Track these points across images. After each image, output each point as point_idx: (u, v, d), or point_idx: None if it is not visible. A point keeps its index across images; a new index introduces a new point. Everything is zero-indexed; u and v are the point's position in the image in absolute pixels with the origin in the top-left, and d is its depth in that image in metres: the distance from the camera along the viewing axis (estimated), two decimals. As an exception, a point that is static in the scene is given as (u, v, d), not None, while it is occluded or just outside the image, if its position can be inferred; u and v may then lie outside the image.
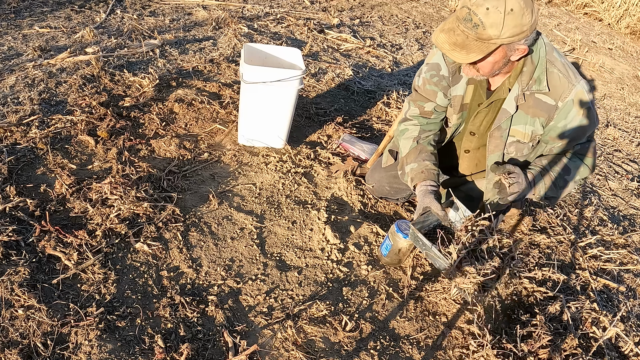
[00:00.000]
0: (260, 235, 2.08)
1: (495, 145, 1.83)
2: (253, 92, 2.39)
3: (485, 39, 1.49)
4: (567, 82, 1.64)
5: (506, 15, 1.44)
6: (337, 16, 4.71)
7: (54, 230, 1.84)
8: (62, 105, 2.59)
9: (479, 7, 1.45)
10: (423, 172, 1.90)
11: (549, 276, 2.16)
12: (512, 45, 1.53)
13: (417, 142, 1.96)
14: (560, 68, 1.65)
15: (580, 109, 1.66)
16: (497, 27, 1.45)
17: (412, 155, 1.94)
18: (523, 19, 1.46)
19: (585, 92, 1.66)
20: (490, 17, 1.44)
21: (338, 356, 1.68)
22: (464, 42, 1.51)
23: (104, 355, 1.50)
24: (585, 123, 1.70)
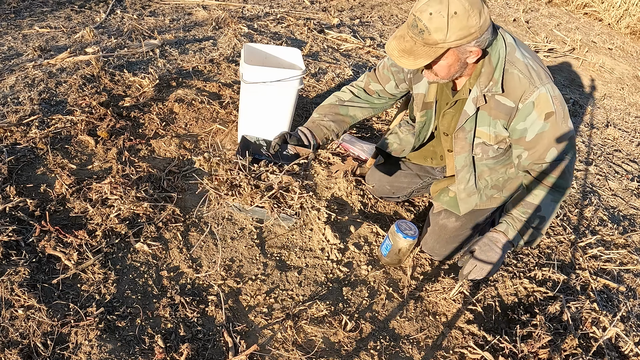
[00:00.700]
0: (260, 235, 2.08)
1: (461, 147, 1.83)
2: (253, 92, 2.39)
3: (431, 43, 1.49)
4: (529, 83, 1.59)
5: (450, 19, 1.43)
6: (337, 16, 4.71)
7: (54, 230, 1.84)
8: (62, 105, 2.59)
9: (422, 13, 1.46)
10: (314, 122, 1.99)
11: (549, 276, 2.16)
12: (462, 48, 1.51)
13: (337, 102, 2.01)
14: (521, 69, 1.60)
15: (542, 114, 1.60)
16: (441, 32, 1.45)
17: (326, 108, 2.02)
18: (469, 21, 1.44)
19: (550, 97, 1.59)
20: (433, 22, 1.44)
21: (338, 356, 1.68)
22: (412, 48, 1.53)
23: (104, 355, 1.50)
24: (550, 131, 1.63)
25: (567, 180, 1.70)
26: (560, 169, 1.68)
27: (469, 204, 1.96)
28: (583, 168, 3.23)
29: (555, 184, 1.70)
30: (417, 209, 2.46)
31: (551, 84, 1.62)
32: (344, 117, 2.01)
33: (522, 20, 6.02)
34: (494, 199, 1.98)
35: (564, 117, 1.64)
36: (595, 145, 3.59)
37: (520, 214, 1.73)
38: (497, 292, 2.07)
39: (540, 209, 1.71)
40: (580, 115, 4.00)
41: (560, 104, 1.62)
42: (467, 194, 1.94)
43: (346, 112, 2.01)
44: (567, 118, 1.65)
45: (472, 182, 1.90)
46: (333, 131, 2.00)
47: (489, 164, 1.86)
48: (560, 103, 1.62)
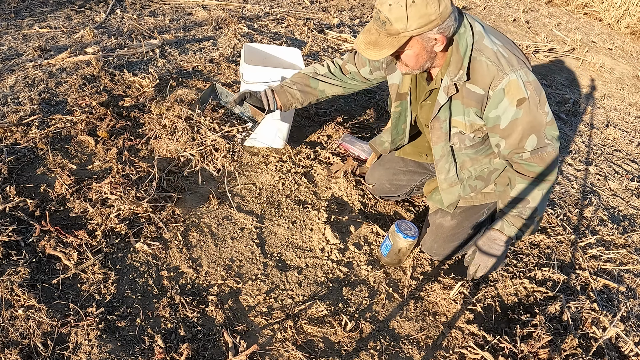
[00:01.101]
0: (260, 235, 2.08)
1: (438, 137, 1.85)
2: (253, 92, 2.39)
3: (394, 33, 1.53)
4: (497, 70, 1.59)
5: (408, 8, 1.47)
6: (337, 16, 4.71)
7: (54, 230, 1.84)
8: (62, 105, 2.59)
9: (383, 4, 1.51)
10: (283, 87, 2.08)
11: (549, 276, 2.16)
12: (425, 35, 1.55)
13: (312, 75, 2.08)
14: (489, 55, 1.60)
15: (514, 100, 1.60)
16: (402, 21, 1.49)
17: (298, 75, 2.10)
18: (428, 9, 1.47)
19: (522, 82, 1.59)
20: (393, 12, 1.49)
21: (338, 356, 1.68)
22: (376, 40, 1.57)
23: (104, 355, 1.50)
24: (525, 117, 1.62)
25: (552, 168, 1.70)
26: (543, 158, 1.68)
27: (452, 195, 1.97)
28: (583, 168, 3.23)
29: (539, 174, 1.71)
30: (417, 209, 2.46)
31: (524, 69, 1.61)
32: (313, 89, 2.09)
33: (522, 20, 6.02)
34: (488, 195, 1.98)
35: (540, 102, 1.62)
36: (595, 145, 3.59)
37: (512, 210, 1.77)
38: (497, 292, 2.07)
39: (529, 201, 1.74)
40: (580, 115, 4.01)
41: (534, 89, 1.61)
42: (449, 184, 1.95)
43: (316, 85, 2.08)
44: (543, 104, 1.63)
45: (453, 172, 1.92)
46: (298, 100, 2.10)
47: (469, 154, 1.87)
48: (534, 89, 1.61)
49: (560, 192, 2.88)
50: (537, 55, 5.01)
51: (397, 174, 2.29)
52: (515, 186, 1.76)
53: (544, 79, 4.49)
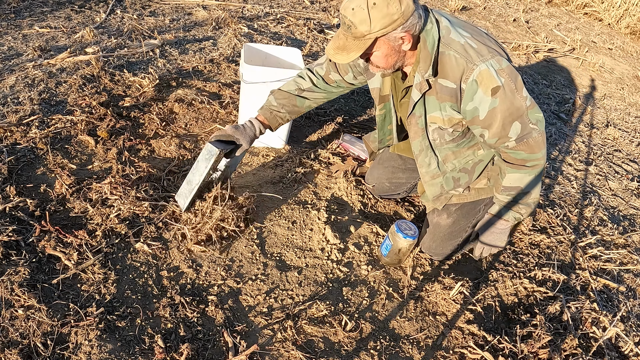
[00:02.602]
0: (260, 235, 2.08)
1: (415, 132, 1.88)
2: (253, 92, 2.39)
3: (359, 36, 1.56)
4: (466, 62, 1.60)
5: (370, 10, 1.49)
6: (337, 16, 4.71)
7: (54, 230, 1.84)
8: (62, 105, 2.59)
9: (346, 9, 1.54)
10: (272, 112, 2.06)
11: (549, 276, 2.16)
12: (390, 35, 1.56)
13: (297, 94, 2.07)
14: (457, 49, 1.61)
15: (488, 90, 1.60)
16: (365, 23, 1.51)
17: (284, 96, 2.07)
18: (389, 9, 1.49)
19: (494, 71, 1.59)
20: (356, 15, 1.51)
21: (338, 356, 1.68)
22: (344, 44, 1.60)
23: (104, 355, 1.50)
24: (502, 105, 1.62)
25: (539, 153, 1.72)
26: (529, 144, 1.69)
27: (434, 187, 2.00)
28: (583, 168, 3.23)
29: (527, 160, 1.73)
30: (417, 209, 2.46)
31: (496, 57, 1.61)
32: (300, 107, 2.10)
33: (522, 20, 6.02)
34: (482, 190, 2.00)
35: (516, 88, 1.62)
36: (595, 145, 3.59)
37: (505, 197, 1.83)
38: (497, 292, 2.07)
39: (522, 188, 1.79)
40: (580, 115, 4.01)
41: (508, 76, 1.61)
42: (431, 177, 1.98)
43: (302, 103, 2.09)
44: (520, 88, 1.63)
45: (434, 165, 1.94)
46: (287, 120, 2.10)
47: (451, 148, 1.88)
48: (508, 75, 1.61)
49: (560, 192, 2.88)
50: (537, 55, 5.01)
51: (396, 172, 2.29)
52: (506, 175, 1.80)
53: (544, 79, 4.49)
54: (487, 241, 1.94)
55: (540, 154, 1.72)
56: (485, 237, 1.96)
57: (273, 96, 2.08)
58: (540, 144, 1.71)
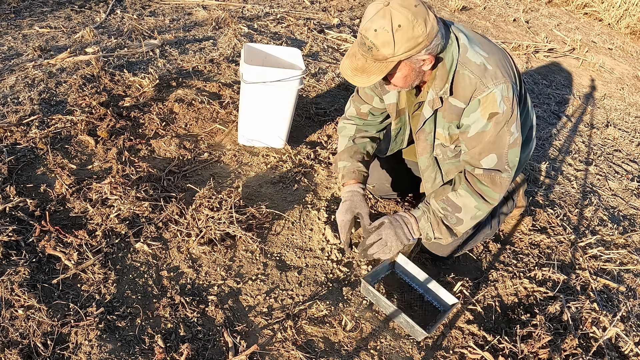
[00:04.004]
0: (260, 235, 2.08)
1: (423, 148, 1.85)
2: (253, 92, 2.39)
3: (381, 59, 1.49)
4: (479, 83, 1.57)
5: (395, 33, 1.43)
6: (337, 16, 4.71)
7: (54, 230, 1.84)
8: (62, 105, 2.59)
9: (368, 30, 1.46)
10: (354, 172, 1.96)
11: (549, 276, 2.16)
12: (413, 58, 1.51)
13: (352, 142, 2.00)
14: (473, 69, 1.58)
15: (486, 113, 1.59)
16: (389, 46, 1.45)
17: (346, 153, 1.99)
18: (414, 32, 1.43)
19: (501, 97, 1.56)
20: (379, 37, 1.44)
21: (338, 356, 1.68)
22: (363, 65, 1.53)
23: (104, 355, 1.50)
24: (491, 131, 1.60)
25: (496, 192, 1.68)
26: (494, 181, 1.67)
27: None
28: (583, 168, 3.23)
29: (483, 191, 1.69)
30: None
31: (507, 84, 1.59)
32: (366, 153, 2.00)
33: (522, 20, 6.02)
34: None
35: (509, 120, 1.61)
36: (595, 145, 3.59)
37: (439, 209, 1.74)
38: (497, 292, 2.07)
39: (461, 210, 1.71)
40: (580, 115, 4.01)
41: (510, 105, 1.59)
42: None
43: (361, 141, 2.01)
44: (512, 122, 1.62)
45: (439, 179, 1.92)
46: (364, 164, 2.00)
47: (453, 162, 1.87)
48: (511, 105, 1.59)
49: (560, 192, 2.88)
50: (537, 55, 5.01)
51: (397, 173, 2.29)
52: (458, 190, 1.72)
53: (544, 79, 4.49)
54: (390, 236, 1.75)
55: (498, 196, 1.70)
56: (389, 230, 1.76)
57: (340, 161, 1.99)
58: (503, 187, 1.68)
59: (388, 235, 1.76)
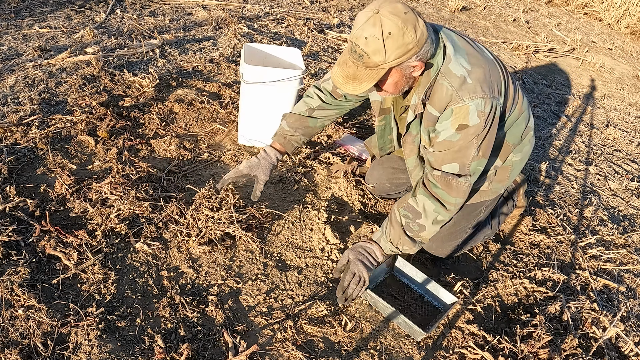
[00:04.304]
0: (260, 235, 2.08)
1: (410, 150, 1.86)
2: (253, 92, 2.39)
3: (372, 66, 1.50)
4: (455, 94, 1.57)
5: (385, 41, 1.43)
6: (337, 16, 4.71)
7: (54, 230, 1.84)
8: (62, 105, 2.59)
9: (359, 38, 1.46)
10: (285, 138, 2.02)
11: (549, 276, 2.16)
12: (404, 64, 1.52)
13: (308, 115, 2.01)
14: (452, 81, 1.57)
15: (456, 124, 1.59)
16: (380, 53, 1.45)
17: (295, 119, 2.02)
18: (405, 39, 1.44)
19: (475, 111, 1.56)
20: (370, 45, 1.45)
21: (338, 356, 1.68)
22: (355, 73, 1.54)
23: (104, 355, 1.50)
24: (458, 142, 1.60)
25: (451, 196, 1.67)
26: (449, 183, 1.66)
27: None
28: (583, 168, 3.23)
29: (439, 195, 1.68)
30: (417, 209, 2.46)
31: (486, 99, 1.57)
32: (313, 128, 2.05)
33: (522, 20, 6.02)
34: (484, 192, 1.99)
35: (481, 134, 1.61)
36: (595, 145, 3.59)
37: (401, 216, 1.73)
38: (497, 292, 2.07)
39: (421, 215, 1.70)
40: (580, 115, 4.01)
41: (484, 121, 1.58)
42: None
43: (315, 123, 2.03)
44: (481, 137, 1.61)
45: None
46: (303, 142, 2.06)
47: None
48: (485, 120, 1.58)
49: (560, 192, 2.88)
50: (537, 55, 5.01)
51: (397, 173, 2.29)
52: (417, 195, 1.71)
53: (544, 79, 4.49)
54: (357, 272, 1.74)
55: (454, 200, 1.68)
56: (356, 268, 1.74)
57: (285, 120, 2.03)
58: (459, 192, 1.67)
59: (359, 270, 1.74)
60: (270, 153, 2.02)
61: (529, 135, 1.95)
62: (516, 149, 1.92)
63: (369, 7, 1.49)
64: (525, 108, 1.89)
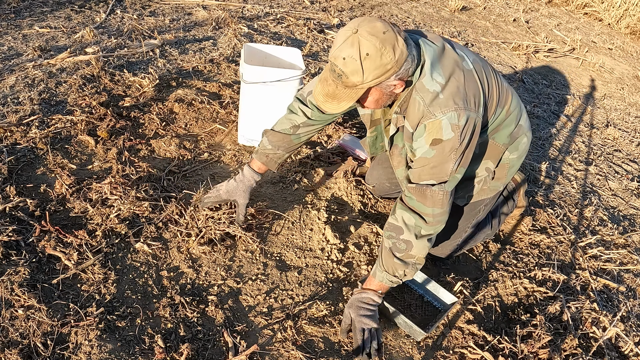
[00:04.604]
0: (260, 235, 2.08)
1: (398, 162, 1.83)
2: (253, 92, 2.39)
3: (351, 86, 1.49)
4: (426, 110, 1.55)
5: (363, 62, 1.42)
6: (337, 16, 4.71)
7: (54, 230, 1.84)
8: (62, 105, 2.59)
9: (337, 58, 1.46)
10: (268, 156, 1.97)
11: (549, 276, 2.16)
12: (383, 84, 1.51)
13: (292, 132, 1.94)
14: (424, 96, 1.55)
15: (430, 139, 1.56)
16: (358, 74, 1.44)
17: (279, 138, 1.94)
18: (383, 60, 1.43)
19: (446, 124, 1.53)
20: (348, 66, 1.44)
21: (338, 356, 1.68)
22: (334, 91, 1.54)
23: (104, 355, 1.50)
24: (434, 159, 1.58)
25: (427, 207, 1.62)
26: (423, 193, 1.62)
27: None
28: (583, 168, 3.23)
29: (415, 207, 1.64)
30: (417, 209, 2.46)
31: (460, 111, 1.54)
32: (297, 144, 1.99)
33: (522, 20, 6.02)
34: (482, 191, 1.99)
35: (459, 149, 1.57)
36: (595, 145, 3.59)
37: (386, 238, 1.69)
38: (497, 292, 2.07)
39: (402, 230, 1.65)
40: (580, 115, 4.01)
41: (460, 134, 1.55)
42: None
43: (299, 139, 1.97)
44: (460, 150, 1.58)
45: None
46: (285, 158, 2.00)
47: None
48: (460, 132, 1.55)
49: (560, 192, 2.88)
50: (537, 55, 5.01)
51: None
52: (395, 212, 1.69)
53: (544, 79, 4.49)
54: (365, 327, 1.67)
55: (431, 211, 1.63)
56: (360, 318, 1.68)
57: (267, 138, 1.96)
58: (435, 201, 1.62)
59: (366, 324, 1.67)
60: (248, 175, 1.98)
61: (521, 132, 1.91)
62: (511, 148, 1.91)
63: (348, 25, 1.47)
64: (514, 108, 1.85)
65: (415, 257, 1.67)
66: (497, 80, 1.77)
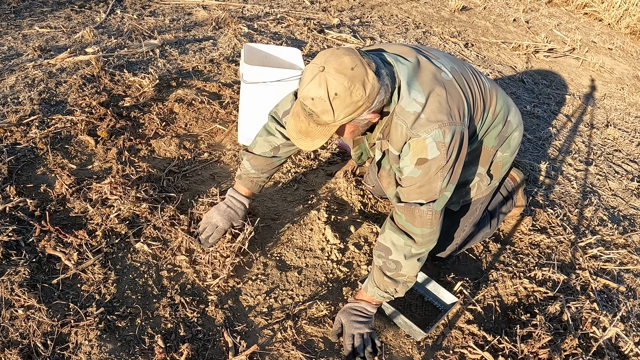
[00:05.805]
0: (260, 235, 2.08)
1: (388, 182, 1.80)
2: (253, 92, 2.39)
3: (323, 124, 1.46)
4: (409, 132, 1.51)
5: (332, 102, 1.39)
6: (337, 16, 4.71)
7: (54, 230, 1.84)
8: (62, 105, 2.59)
9: (306, 99, 1.43)
10: (253, 180, 1.93)
11: (549, 276, 2.16)
12: (356, 119, 1.47)
13: (273, 154, 1.89)
14: (405, 119, 1.51)
15: (415, 158, 1.53)
16: (328, 114, 1.41)
17: (260, 162, 1.90)
18: (353, 98, 1.39)
19: (431, 143, 1.50)
20: (317, 106, 1.41)
21: (338, 356, 1.68)
22: (307, 129, 1.50)
23: (104, 355, 1.50)
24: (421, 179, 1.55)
25: (416, 227, 1.59)
26: (412, 212, 1.59)
27: None
28: (583, 168, 3.23)
29: (404, 227, 1.61)
30: (417, 209, 2.46)
31: (444, 128, 1.50)
32: (278, 166, 1.96)
33: (522, 20, 6.02)
34: (478, 191, 1.98)
35: (445, 166, 1.54)
36: (595, 145, 3.59)
37: (376, 257, 1.68)
38: (497, 292, 2.07)
39: (391, 251, 1.62)
40: (580, 115, 4.01)
41: (446, 150, 1.52)
42: None
43: (280, 161, 1.94)
44: (448, 167, 1.55)
45: None
46: (267, 180, 1.98)
47: None
48: (446, 149, 1.52)
49: (560, 192, 2.88)
50: (537, 55, 5.01)
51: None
52: (384, 232, 1.66)
53: (544, 79, 4.49)
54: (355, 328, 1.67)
55: (420, 231, 1.59)
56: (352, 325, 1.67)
57: (248, 162, 1.91)
58: (424, 221, 1.58)
59: (356, 329, 1.67)
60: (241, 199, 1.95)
61: (511, 130, 1.88)
62: (502, 147, 1.89)
63: (315, 60, 1.43)
64: (500, 108, 1.81)
65: (405, 276, 1.64)
66: (479, 83, 1.73)
